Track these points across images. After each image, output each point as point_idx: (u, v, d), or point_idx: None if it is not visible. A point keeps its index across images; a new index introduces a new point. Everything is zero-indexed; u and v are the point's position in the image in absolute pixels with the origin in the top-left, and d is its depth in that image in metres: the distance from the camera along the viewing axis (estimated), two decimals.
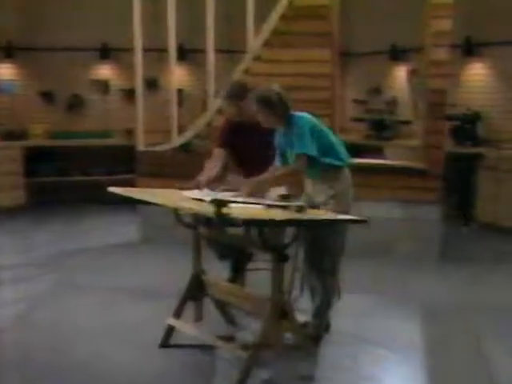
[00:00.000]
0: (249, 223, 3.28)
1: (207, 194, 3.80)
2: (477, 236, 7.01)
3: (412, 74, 8.20)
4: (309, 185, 4.08)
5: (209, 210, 3.24)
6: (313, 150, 3.80)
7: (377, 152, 7.39)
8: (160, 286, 5.16)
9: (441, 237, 6.03)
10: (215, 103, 6.31)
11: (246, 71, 6.14)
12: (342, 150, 4.00)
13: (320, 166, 3.88)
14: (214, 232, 4.03)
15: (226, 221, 3.20)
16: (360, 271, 5.35)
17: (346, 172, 4.01)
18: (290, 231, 3.62)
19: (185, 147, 6.45)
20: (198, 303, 4.19)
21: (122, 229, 7.22)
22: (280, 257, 3.50)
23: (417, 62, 8.09)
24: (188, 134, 6.48)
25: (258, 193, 3.86)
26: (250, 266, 4.56)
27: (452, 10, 5.65)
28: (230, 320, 4.40)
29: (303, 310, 4.11)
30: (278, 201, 3.80)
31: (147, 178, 6.42)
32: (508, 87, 7.40)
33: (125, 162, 8.12)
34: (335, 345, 4.08)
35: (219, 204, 3.20)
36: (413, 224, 5.93)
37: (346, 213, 3.77)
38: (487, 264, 6.00)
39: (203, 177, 4.25)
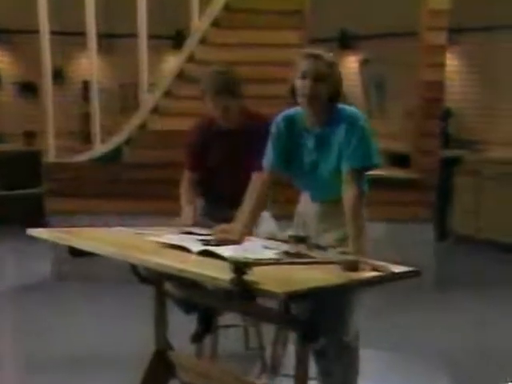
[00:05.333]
0: (297, 297, 2.00)
1: (187, 239, 2.60)
2: (457, 253, 6.16)
3: (364, 64, 7.29)
4: (312, 214, 2.86)
5: (220, 275, 2.03)
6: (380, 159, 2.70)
7: None
8: (96, 350, 3.83)
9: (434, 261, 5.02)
10: (150, 100, 4.99)
11: (190, 58, 4.89)
12: None
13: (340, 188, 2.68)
14: (191, 293, 2.83)
15: (252, 294, 1.98)
16: None
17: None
18: None
19: (110, 157, 5.04)
20: None
21: (32, 263, 5.62)
22: (310, 334, 2.35)
23: (370, 51, 7.16)
24: (115, 140, 5.07)
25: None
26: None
27: None
28: None
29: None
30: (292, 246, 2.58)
31: (60, 197, 5.10)
32: (484, 81, 6.49)
33: (26, 173, 6.63)
34: None
35: (240, 267, 1.94)
36: (402, 246, 4.83)
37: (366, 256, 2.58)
38: (490, 290, 5.08)
39: (187, 212, 3.17)
